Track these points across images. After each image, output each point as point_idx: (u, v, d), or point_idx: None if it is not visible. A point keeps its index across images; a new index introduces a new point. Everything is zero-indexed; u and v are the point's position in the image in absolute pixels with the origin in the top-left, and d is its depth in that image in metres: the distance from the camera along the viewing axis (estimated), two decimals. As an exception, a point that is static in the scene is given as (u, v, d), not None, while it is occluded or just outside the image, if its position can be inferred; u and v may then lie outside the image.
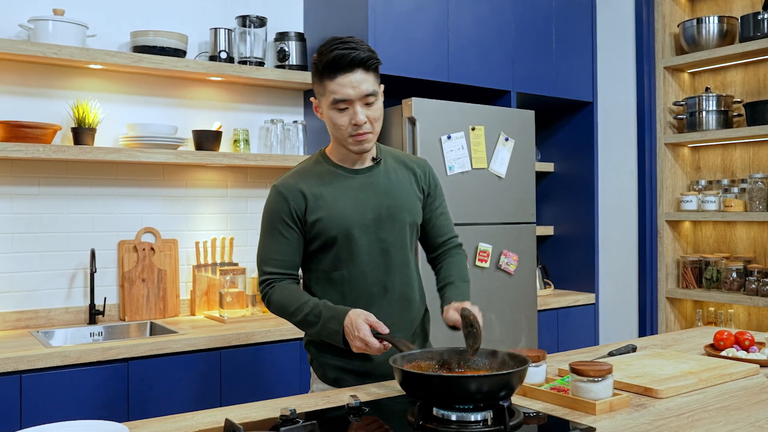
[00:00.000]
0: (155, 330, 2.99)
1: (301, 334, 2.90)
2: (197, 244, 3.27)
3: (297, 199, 1.86)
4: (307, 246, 1.90)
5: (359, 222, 1.86)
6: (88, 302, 2.99)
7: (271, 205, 1.90)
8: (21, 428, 2.28)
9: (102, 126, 3.02)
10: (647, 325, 3.86)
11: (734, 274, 3.57)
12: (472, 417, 1.39)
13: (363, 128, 1.80)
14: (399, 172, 1.97)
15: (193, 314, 3.21)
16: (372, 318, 1.74)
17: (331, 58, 1.76)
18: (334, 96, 1.78)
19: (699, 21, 3.66)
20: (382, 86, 1.89)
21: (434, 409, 1.42)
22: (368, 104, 1.80)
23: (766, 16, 3.40)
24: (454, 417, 1.40)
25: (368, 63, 1.78)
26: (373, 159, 1.94)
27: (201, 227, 3.31)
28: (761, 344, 2.17)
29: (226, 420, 1.25)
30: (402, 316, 1.94)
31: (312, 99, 1.90)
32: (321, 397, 1.69)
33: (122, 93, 3.12)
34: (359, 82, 1.77)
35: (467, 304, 1.81)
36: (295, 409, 1.35)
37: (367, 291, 1.89)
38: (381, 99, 1.86)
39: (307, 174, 1.91)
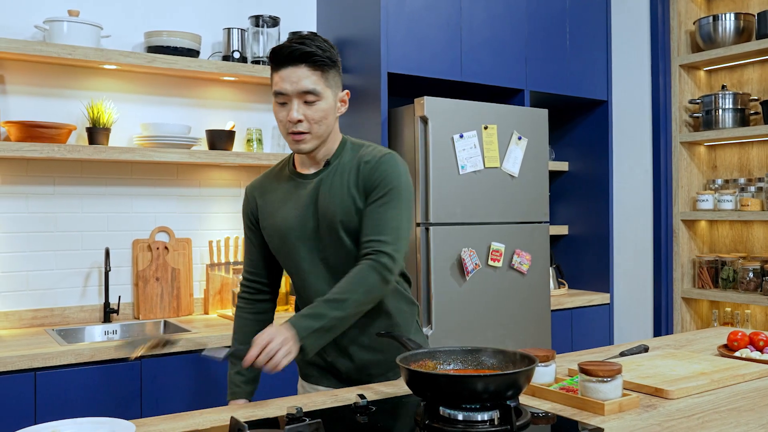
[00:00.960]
0: (169, 328, 3.01)
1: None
2: (211, 243, 3.29)
3: (252, 203, 1.89)
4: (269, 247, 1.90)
5: (299, 232, 1.78)
6: (103, 301, 3.01)
7: (242, 205, 1.95)
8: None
9: (116, 126, 3.04)
10: (662, 325, 3.83)
11: (751, 274, 3.53)
12: (479, 417, 1.39)
13: (297, 127, 1.69)
14: (347, 173, 1.78)
15: (206, 313, 3.23)
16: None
17: (277, 49, 1.69)
18: (275, 88, 1.70)
19: (715, 18, 3.62)
20: (344, 92, 1.80)
21: (441, 408, 1.42)
22: (307, 102, 1.69)
23: (783, 12, 3.37)
24: (460, 416, 1.39)
25: (313, 59, 1.67)
26: (327, 163, 1.81)
27: (214, 226, 3.33)
28: (776, 345, 2.14)
29: (232, 418, 1.26)
30: (358, 330, 1.81)
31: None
32: (329, 396, 1.69)
33: (136, 93, 3.14)
34: (300, 77, 1.67)
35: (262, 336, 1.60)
36: (301, 408, 1.35)
37: (318, 294, 1.74)
38: (329, 102, 1.72)
39: (269, 177, 1.90)
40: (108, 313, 2.97)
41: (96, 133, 2.89)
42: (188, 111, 3.26)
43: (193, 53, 3.10)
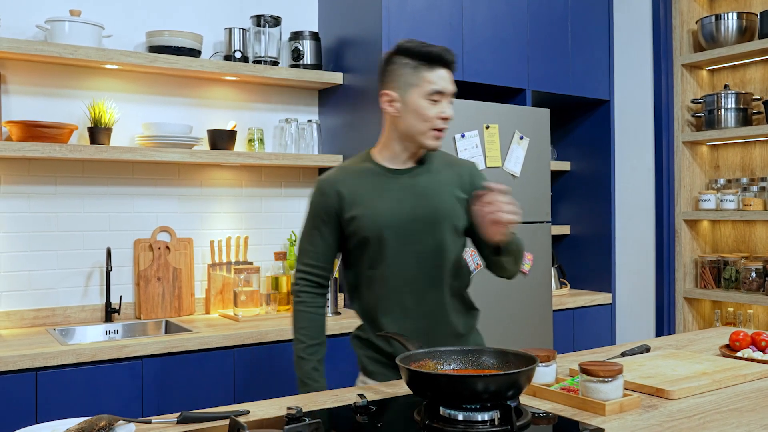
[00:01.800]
0: (170, 328, 3.01)
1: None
2: (212, 242, 3.29)
3: (334, 196, 1.90)
4: (346, 243, 1.94)
5: (394, 223, 1.87)
6: (104, 300, 3.01)
7: (312, 200, 1.97)
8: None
9: (118, 126, 3.05)
10: (665, 325, 3.82)
11: (753, 274, 3.52)
12: (479, 417, 1.39)
13: (444, 123, 1.87)
14: (443, 173, 1.95)
15: (207, 313, 3.23)
16: None
17: (437, 51, 1.84)
18: (434, 86, 1.84)
19: (717, 17, 3.61)
20: None
21: (441, 408, 1.42)
22: (450, 103, 1.89)
23: (786, 12, 3.35)
24: (460, 417, 1.39)
25: (453, 67, 1.89)
26: (418, 161, 1.94)
27: (216, 226, 3.33)
28: (778, 345, 2.14)
29: (231, 418, 1.26)
30: (432, 321, 1.93)
31: (386, 92, 1.89)
32: (329, 396, 1.69)
33: (138, 93, 3.14)
34: (450, 80, 1.88)
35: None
36: (301, 408, 1.35)
37: (398, 291, 1.89)
38: None
39: (349, 171, 1.94)
40: (109, 313, 2.97)
41: (97, 132, 2.89)
42: (190, 111, 3.26)
43: (194, 53, 3.10)
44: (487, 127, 3.20)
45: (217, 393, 2.70)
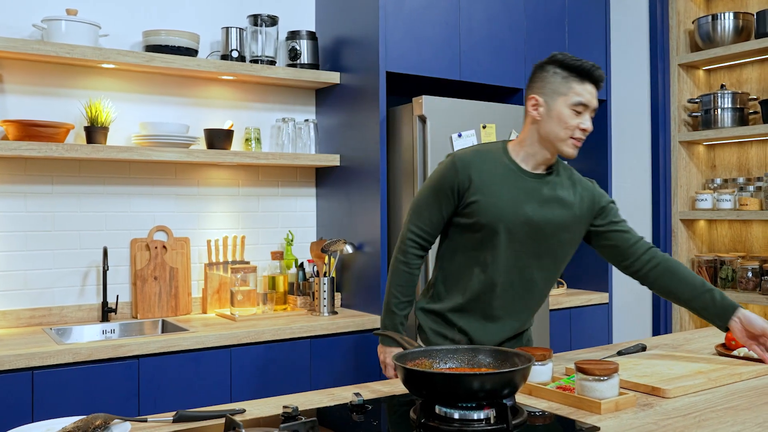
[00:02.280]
0: (167, 328, 3.01)
1: (312, 332, 2.91)
2: (209, 242, 3.28)
3: (465, 178, 1.96)
4: (458, 217, 2.00)
5: (509, 220, 1.95)
6: (101, 300, 3.01)
7: (442, 171, 2.01)
8: (33, 424, 2.31)
9: (114, 125, 3.04)
10: (661, 324, 3.82)
11: (750, 274, 3.53)
12: (475, 415, 1.39)
13: (583, 134, 1.95)
14: (567, 189, 2.04)
15: (204, 312, 3.23)
16: (389, 360, 2.01)
17: (588, 66, 1.93)
18: (580, 98, 1.93)
19: (714, 17, 3.62)
20: None
21: (437, 407, 1.42)
22: (591, 117, 1.98)
23: (782, 12, 3.36)
24: (456, 415, 1.39)
25: (601, 84, 1.97)
26: (547, 169, 2.03)
27: (213, 225, 3.33)
28: (774, 344, 2.14)
29: (226, 417, 1.26)
30: (513, 315, 2.05)
31: (533, 96, 1.98)
32: (325, 395, 1.69)
33: (134, 92, 3.14)
34: (595, 95, 1.96)
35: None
36: (297, 407, 1.35)
37: (491, 282, 1.98)
38: None
39: (485, 159, 2.00)
40: (106, 313, 2.97)
41: (94, 132, 2.89)
42: (186, 110, 3.26)
43: (191, 52, 3.10)
44: (484, 127, 3.20)
45: (214, 392, 2.70)
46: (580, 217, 2.03)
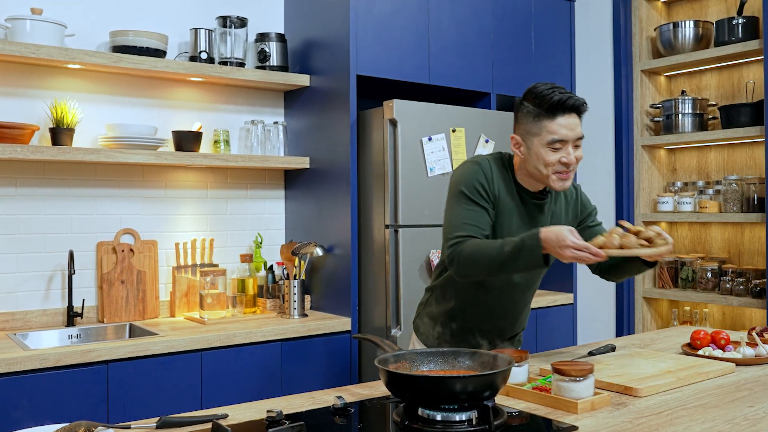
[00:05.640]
0: (134, 332, 2.97)
1: (283, 335, 2.90)
2: (177, 245, 3.25)
3: (491, 184, 1.96)
4: None
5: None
6: (66, 304, 2.95)
7: (470, 175, 1.95)
8: (-1, 432, 2.26)
9: (80, 126, 2.99)
10: (624, 324, 3.91)
11: (709, 274, 3.63)
12: (457, 417, 1.41)
13: (571, 167, 1.92)
14: (560, 201, 2.10)
15: (172, 316, 3.19)
16: (576, 232, 1.76)
17: (555, 101, 1.85)
18: (553, 136, 1.88)
19: (675, 25, 3.72)
20: None
21: (420, 409, 1.43)
22: (576, 146, 1.92)
23: (740, 21, 3.47)
24: (439, 417, 1.41)
25: (581, 108, 1.92)
26: (547, 190, 2.04)
27: (181, 228, 3.29)
28: (737, 343, 2.21)
29: (213, 422, 1.25)
30: (506, 324, 2.15)
31: (513, 137, 1.97)
32: (306, 399, 1.69)
33: (101, 93, 3.09)
34: (575, 125, 1.90)
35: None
36: (281, 411, 1.35)
37: (491, 294, 2.05)
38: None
39: (498, 170, 2.00)
40: (72, 317, 2.91)
41: (59, 133, 2.83)
42: (154, 112, 3.22)
43: (159, 53, 3.06)
44: (454, 131, 3.24)
45: (185, 397, 2.68)
46: (571, 221, 2.13)
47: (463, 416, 1.41)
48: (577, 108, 1.90)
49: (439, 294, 2.14)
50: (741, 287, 3.46)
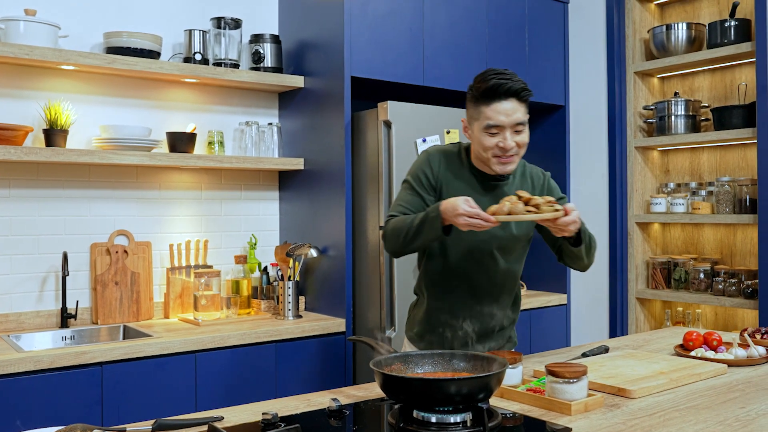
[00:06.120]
0: (129, 333, 2.96)
1: (277, 336, 2.91)
2: (171, 246, 3.24)
3: (438, 170, 2.05)
4: None
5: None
6: (60, 306, 2.95)
7: (417, 165, 2.09)
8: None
9: (74, 127, 2.98)
10: (618, 325, 3.93)
11: (702, 275, 3.65)
12: (452, 419, 1.42)
13: (510, 152, 1.96)
14: (522, 184, 2.12)
15: (167, 317, 3.19)
16: (471, 200, 1.83)
17: (489, 86, 1.90)
18: (489, 122, 1.93)
19: (668, 27, 3.74)
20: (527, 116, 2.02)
21: (414, 411, 1.44)
22: (517, 131, 1.95)
23: (732, 23, 3.49)
24: (434, 419, 1.42)
25: (522, 94, 1.94)
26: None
27: (175, 229, 3.29)
28: (729, 344, 2.23)
29: (209, 425, 1.26)
30: (485, 315, 2.10)
31: (463, 120, 2.06)
32: (301, 401, 1.70)
33: (95, 94, 3.09)
34: (512, 110, 1.93)
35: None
36: (277, 413, 1.36)
37: (452, 282, 2.07)
38: (527, 128, 2.00)
39: (450, 158, 2.08)
40: (65, 319, 2.91)
41: (53, 134, 2.83)
42: (148, 113, 3.21)
43: (153, 54, 3.06)
44: (448, 132, 3.24)
45: (179, 399, 2.68)
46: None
47: (458, 418, 1.42)
48: (515, 93, 1.92)
49: (419, 293, 2.20)
50: (733, 288, 3.48)
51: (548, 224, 1.85)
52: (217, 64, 3.24)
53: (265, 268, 3.37)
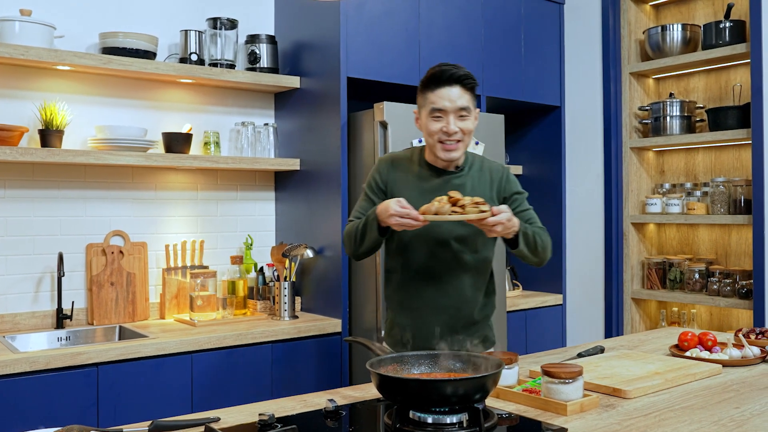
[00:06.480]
0: (124, 334, 2.96)
1: (273, 337, 2.91)
2: (167, 247, 3.24)
3: (384, 173, 2.16)
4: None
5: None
6: (56, 306, 2.94)
7: (370, 173, 2.21)
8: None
9: (70, 128, 2.98)
10: (613, 325, 3.94)
11: (697, 275, 3.67)
12: (448, 419, 1.42)
13: (453, 137, 2.03)
14: (476, 176, 2.15)
15: (162, 318, 3.19)
16: (403, 201, 1.91)
17: (434, 73, 2.03)
18: (433, 105, 2.03)
19: (663, 28, 3.75)
20: (478, 109, 2.11)
21: (411, 411, 1.44)
22: (461, 117, 2.03)
23: (727, 24, 3.50)
24: (430, 419, 1.42)
25: (465, 81, 2.03)
26: (457, 167, 2.14)
27: (171, 230, 3.29)
28: (723, 345, 2.24)
29: (206, 426, 1.26)
30: (449, 308, 2.11)
31: (414, 110, 2.14)
32: (297, 401, 1.70)
33: (91, 95, 3.08)
34: (456, 96, 2.02)
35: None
36: (273, 414, 1.36)
37: (416, 280, 2.10)
38: (474, 117, 2.08)
39: (398, 160, 2.18)
40: (61, 319, 2.90)
41: (49, 135, 2.83)
42: (144, 113, 3.21)
43: (149, 55, 3.06)
44: (444, 133, 3.24)
45: (175, 399, 2.67)
46: (490, 199, 2.13)
47: (454, 419, 1.42)
48: (458, 80, 2.02)
49: (388, 296, 2.24)
50: (728, 288, 3.49)
51: (477, 225, 1.89)
52: (213, 64, 3.24)
53: (261, 268, 3.37)
